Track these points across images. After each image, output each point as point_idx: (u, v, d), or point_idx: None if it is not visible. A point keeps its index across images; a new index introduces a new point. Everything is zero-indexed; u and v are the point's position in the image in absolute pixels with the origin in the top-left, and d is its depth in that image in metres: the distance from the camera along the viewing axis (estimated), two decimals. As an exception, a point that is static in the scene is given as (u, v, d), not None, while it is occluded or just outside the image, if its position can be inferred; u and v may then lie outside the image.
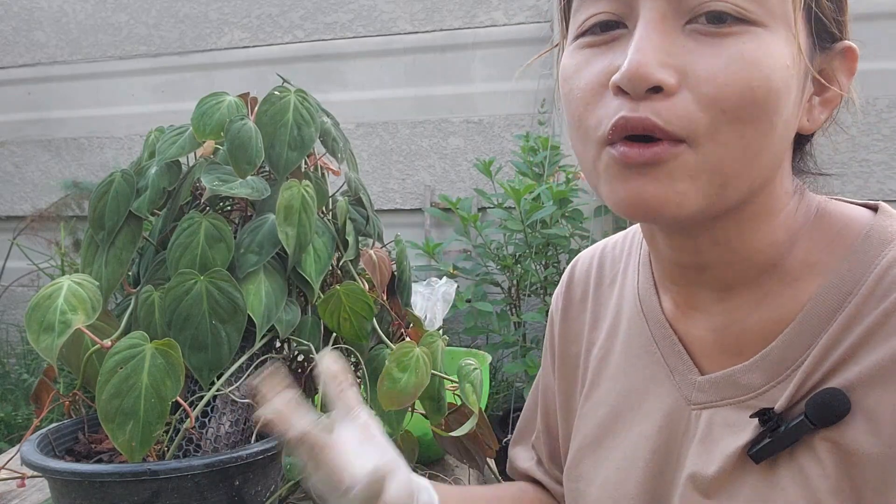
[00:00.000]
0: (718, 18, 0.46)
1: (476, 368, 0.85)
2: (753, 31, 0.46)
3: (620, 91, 0.47)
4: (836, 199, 0.57)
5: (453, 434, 0.86)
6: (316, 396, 0.83)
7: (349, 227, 0.89)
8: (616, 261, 0.70)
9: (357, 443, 0.57)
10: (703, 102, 0.46)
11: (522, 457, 0.79)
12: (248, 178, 0.78)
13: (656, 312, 0.62)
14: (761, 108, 0.46)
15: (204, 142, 0.81)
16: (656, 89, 0.46)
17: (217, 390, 0.76)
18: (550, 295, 2.27)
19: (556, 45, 0.60)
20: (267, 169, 0.84)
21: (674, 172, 0.47)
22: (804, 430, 0.49)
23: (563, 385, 0.72)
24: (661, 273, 0.62)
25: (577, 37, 0.52)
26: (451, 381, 0.89)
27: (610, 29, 0.50)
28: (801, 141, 0.56)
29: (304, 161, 0.85)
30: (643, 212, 0.49)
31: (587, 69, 0.50)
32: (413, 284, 1.36)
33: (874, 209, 0.55)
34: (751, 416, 0.53)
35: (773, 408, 0.52)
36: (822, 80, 0.52)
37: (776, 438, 0.51)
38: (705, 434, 0.56)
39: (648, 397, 0.62)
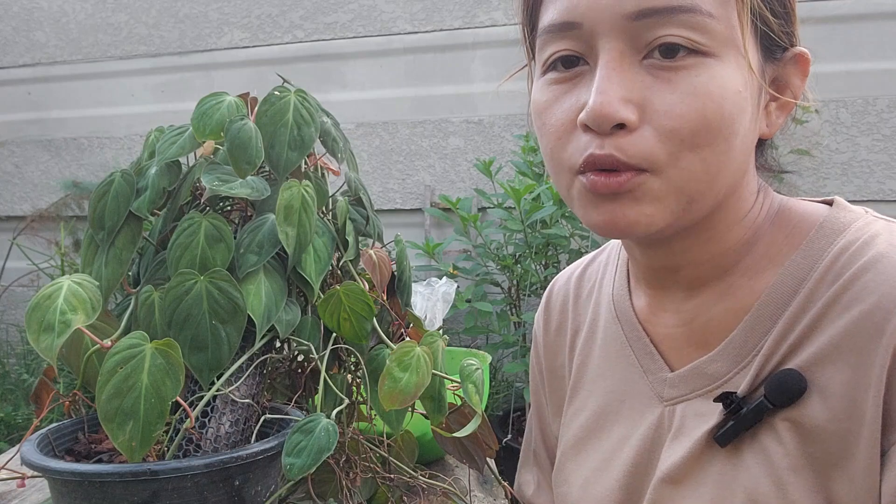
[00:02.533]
0: (671, 51, 0.49)
1: (478, 369, 0.85)
2: (705, 63, 0.49)
3: (588, 128, 0.51)
4: (796, 199, 0.60)
5: (456, 435, 0.86)
6: (316, 396, 0.83)
7: (349, 227, 0.89)
8: (593, 274, 0.73)
9: None
10: (662, 135, 0.50)
11: (527, 480, 0.81)
12: (248, 178, 0.78)
13: (629, 315, 0.65)
14: (717, 133, 0.50)
15: (204, 142, 0.81)
16: (620, 125, 0.50)
17: (217, 390, 0.76)
18: (550, 295, 2.26)
19: (524, 67, 0.64)
20: (267, 169, 0.84)
21: (640, 198, 0.51)
22: (764, 410, 0.52)
23: (554, 398, 0.75)
24: (638, 277, 0.65)
25: (545, 72, 0.55)
26: (452, 380, 0.89)
27: (573, 65, 0.53)
28: (762, 141, 0.59)
29: (304, 161, 0.85)
30: (616, 232, 0.53)
31: (557, 106, 0.54)
32: (413, 284, 1.36)
33: (830, 204, 0.58)
34: (714, 401, 0.55)
35: (735, 392, 0.54)
36: (774, 93, 0.55)
37: (738, 420, 0.53)
38: (679, 429, 0.58)
39: (626, 399, 0.64)
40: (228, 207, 0.88)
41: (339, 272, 0.90)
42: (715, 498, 0.54)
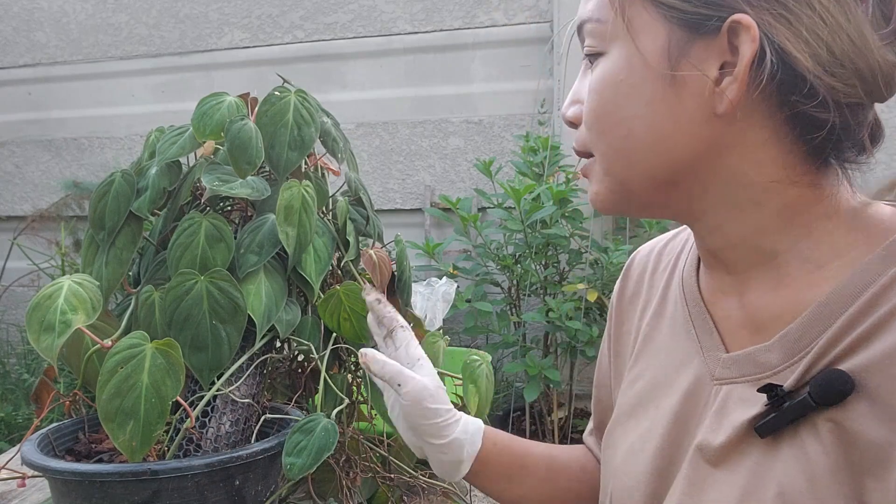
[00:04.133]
0: (590, 58, 0.59)
1: (481, 364, 0.85)
2: (598, 62, 0.58)
3: None
4: (878, 202, 0.59)
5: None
6: (316, 396, 0.84)
7: (349, 227, 0.89)
8: (672, 250, 0.75)
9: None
10: (585, 128, 0.60)
11: (588, 424, 0.85)
12: (249, 178, 0.78)
13: (694, 293, 0.67)
14: (606, 120, 0.58)
15: (204, 142, 0.81)
16: (572, 123, 0.62)
17: (217, 390, 0.76)
18: (550, 295, 2.27)
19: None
20: (267, 169, 0.84)
21: (591, 180, 0.62)
22: (807, 407, 0.52)
23: (617, 362, 0.77)
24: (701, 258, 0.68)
25: None
26: (454, 377, 0.89)
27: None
28: (810, 131, 0.54)
29: (304, 161, 0.85)
30: (592, 206, 0.64)
31: None
32: (413, 284, 1.36)
33: None
34: (758, 391, 0.55)
35: (781, 385, 0.54)
36: (705, 72, 0.52)
37: (780, 414, 0.53)
38: (721, 407, 0.58)
39: (680, 373, 0.65)
40: (229, 207, 0.88)
41: (339, 272, 0.90)
42: (747, 486, 0.54)
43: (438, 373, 0.85)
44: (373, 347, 0.85)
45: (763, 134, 0.55)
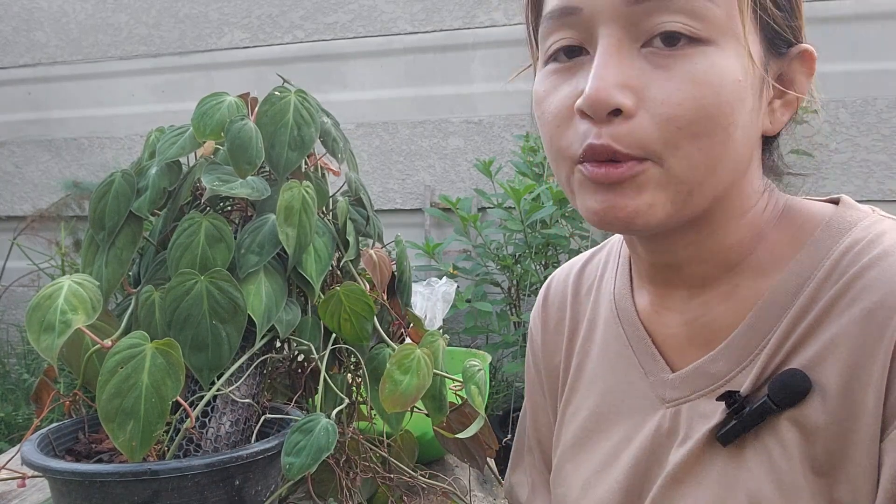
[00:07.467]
0: (671, 39, 0.49)
1: (480, 370, 0.85)
2: (703, 51, 0.49)
3: (585, 115, 0.50)
4: (803, 198, 0.59)
5: (459, 436, 0.86)
6: (316, 396, 0.84)
7: (349, 227, 0.89)
8: (592, 272, 0.72)
9: None
10: (659, 122, 0.49)
11: (520, 481, 0.78)
12: (249, 178, 0.78)
13: (630, 314, 0.64)
14: (714, 122, 0.49)
15: (204, 142, 0.81)
16: (616, 112, 0.49)
17: (217, 390, 0.76)
18: (550, 295, 2.26)
19: (529, 66, 0.63)
20: (267, 169, 0.84)
21: (641, 187, 0.50)
22: (767, 410, 0.51)
23: (551, 398, 0.74)
24: (639, 274, 0.64)
25: (546, 62, 0.55)
26: (454, 380, 0.89)
27: (574, 55, 0.53)
28: (769, 141, 0.58)
29: (304, 161, 0.85)
30: (615, 224, 0.52)
31: (555, 94, 0.54)
32: (413, 284, 1.36)
33: (837, 202, 0.58)
34: (717, 399, 0.54)
35: (738, 391, 0.53)
36: (779, 87, 0.54)
37: (741, 420, 0.52)
38: (686, 433, 0.57)
39: (626, 399, 0.63)
40: (229, 207, 0.88)
41: (339, 272, 0.90)
42: (716, 497, 0.53)
43: (437, 374, 0.85)
44: (372, 348, 0.84)
45: (759, 147, 0.56)
